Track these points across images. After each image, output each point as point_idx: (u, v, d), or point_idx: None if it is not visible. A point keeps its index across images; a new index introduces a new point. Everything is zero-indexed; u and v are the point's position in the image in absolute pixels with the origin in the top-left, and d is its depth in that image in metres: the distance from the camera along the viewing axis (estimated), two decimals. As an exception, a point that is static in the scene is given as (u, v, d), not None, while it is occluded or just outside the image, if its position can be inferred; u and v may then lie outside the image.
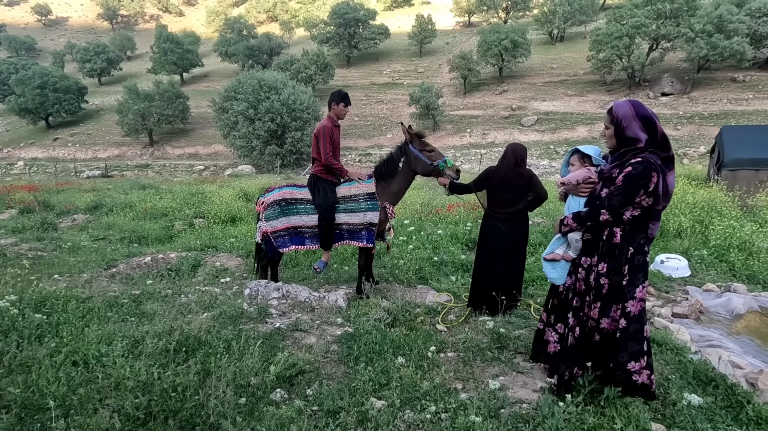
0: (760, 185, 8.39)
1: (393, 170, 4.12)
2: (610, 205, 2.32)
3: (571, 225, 2.50)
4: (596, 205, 2.39)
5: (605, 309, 2.40)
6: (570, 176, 2.64)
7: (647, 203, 2.30)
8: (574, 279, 2.56)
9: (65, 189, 14.86)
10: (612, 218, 2.34)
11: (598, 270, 2.41)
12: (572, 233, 2.54)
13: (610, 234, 2.38)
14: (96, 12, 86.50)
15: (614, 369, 2.39)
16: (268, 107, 28.52)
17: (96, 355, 2.64)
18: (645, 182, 2.23)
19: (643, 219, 2.36)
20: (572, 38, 45.71)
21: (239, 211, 9.10)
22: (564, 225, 2.54)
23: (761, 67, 31.15)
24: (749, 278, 4.90)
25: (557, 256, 2.61)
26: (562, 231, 2.57)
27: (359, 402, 2.40)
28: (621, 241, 2.36)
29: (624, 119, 2.33)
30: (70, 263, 5.71)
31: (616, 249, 2.37)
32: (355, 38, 47.39)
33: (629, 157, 2.32)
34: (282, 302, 3.95)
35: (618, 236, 2.37)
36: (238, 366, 2.65)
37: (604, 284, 2.40)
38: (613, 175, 2.36)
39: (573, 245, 2.57)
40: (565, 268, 2.61)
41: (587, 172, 2.60)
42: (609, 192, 2.34)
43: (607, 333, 2.41)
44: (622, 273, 2.36)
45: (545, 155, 28.27)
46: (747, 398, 2.42)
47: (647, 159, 2.26)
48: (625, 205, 2.30)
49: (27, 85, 38.47)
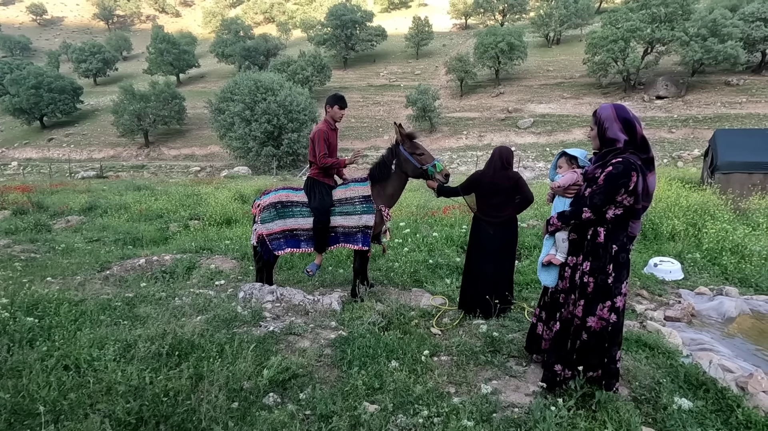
0: (752, 188, 8.47)
1: (386, 172, 4.11)
2: (591, 203, 2.41)
3: (556, 224, 2.63)
4: (579, 204, 2.51)
5: (590, 307, 2.47)
6: (559, 180, 2.77)
7: (628, 202, 2.39)
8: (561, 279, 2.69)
9: (60, 190, 14.78)
10: (594, 216, 2.43)
11: (583, 268, 2.50)
12: (559, 233, 2.66)
13: (594, 234, 2.47)
14: (92, 12, 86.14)
15: (608, 364, 2.49)
16: (265, 108, 28.47)
17: (88, 359, 2.62)
18: (625, 181, 2.32)
19: (624, 219, 2.45)
20: (568, 41, 45.95)
21: (235, 213, 9.08)
22: (550, 225, 2.67)
23: (754, 71, 31.44)
24: (741, 281, 4.93)
25: (554, 259, 2.68)
26: (549, 231, 2.71)
27: (352, 407, 2.40)
28: (605, 240, 2.44)
29: (606, 120, 2.45)
30: (64, 265, 5.67)
31: (600, 248, 2.45)
32: (352, 40, 47.43)
33: (610, 157, 2.43)
34: (276, 305, 3.94)
35: (602, 235, 2.45)
36: (231, 370, 2.64)
37: (588, 282, 2.47)
38: (596, 175, 2.46)
39: (560, 246, 2.67)
40: (556, 270, 2.71)
41: (574, 175, 2.73)
42: (591, 191, 2.45)
43: (595, 332, 2.46)
44: (607, 272, 2.44)
45: (541, 157, 28.37)
46: (737, 402, 2.44)
47: (628, 159, 2.36)
48: (606, 203, 2.39)
49: (21, 85, 38.23)
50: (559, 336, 2.62)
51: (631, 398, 2.58)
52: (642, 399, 2.57)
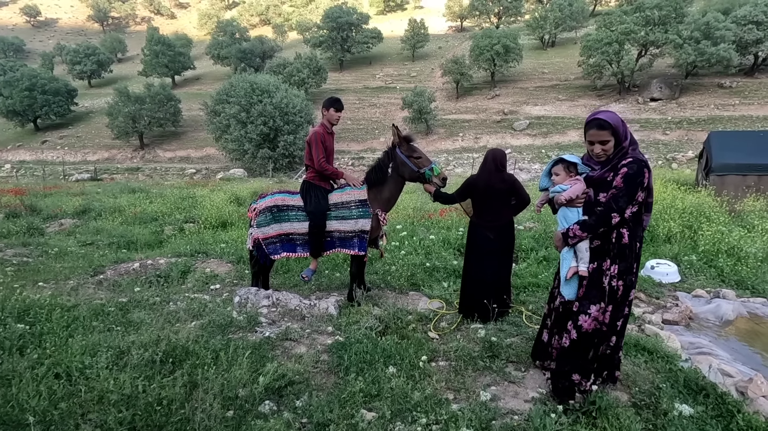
0: (747, 190, 8.52)
1: (383, 176, 4.07)
2: (618, 207, 2.35)
3: (580, 236, 2.46)
4: (604, 210, 2.39)
5: (618, 311, 2.47)
6: (567, 192, 2.56)
7: (641, 198, 2.40)
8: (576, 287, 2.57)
9: (53, 192, 14.64)
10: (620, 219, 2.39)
11: (611, 273, 2.44)
12: (582, 243, 2.51)
13: (619, 236, 2.42)
14: (86, 13, 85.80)
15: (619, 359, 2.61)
16: (261, 110, 28.42)
17: (79, 367, 2.57)
18: (641, 179, 2.33)
19: (639, 214, 2.45)
20: (563, 44, 46.24)
21: (230, 216, 9.01)
22: (572, 238, 2.48)
23: (747, 74, 31.77)
24: (738, 283, 4.93)
25: (581, 272, 2.50)
26: (570, 244, 2.51)
27: (349, 414, 2.36)
28: (629, 240, 2.43)
29: (619, 126, 2.41)
30: (56, 269, 5.59)
31: (626, 249, 2.43)
32: (347, 42, 47.49)
33: (617, 159, 2.41)
34: (272, 310, 3.90)
35: (626, 236, 2.42)
36: (226, 377, 2.59)
37: (618, 286, 2.45)
38: (608, 178, 2.42)
39: (584, 256, 2.50)
40: (576, 281, 2.56)
41: (581, 184, 2.55)
42: (613, 195, 2.37)
43: (620, 332, 2.52)
44: (633, 272, 2.46)
45: (537, 159, 28.48)
46: (737, 407, 2.42)
47: (637, 157, 2.37)
48: (629, 204, 2.35)
49: (15, 86, 37.99)
50: (578, 345, 2.51)
51: (630, 404, 2.56)
52: (642, 404, 2.54)
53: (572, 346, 2.54)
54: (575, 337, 2.52)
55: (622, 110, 31.14)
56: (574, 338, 2.53)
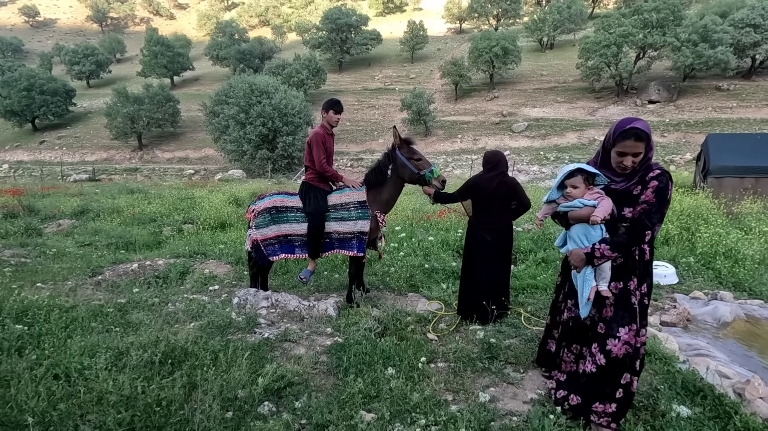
0: (744, 192, 8.55)
1: (382, 178, 4.08)
2: (651, 224, 2.17)
3: (610, 256, 2.22)
4: (637, 226, 2.19)
5: (641, 330, 2.31)
6: (602, 210, 2.25)
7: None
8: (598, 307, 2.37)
9: (51, 193, 14.61)
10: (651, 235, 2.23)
11: (642, 291, 2.30)
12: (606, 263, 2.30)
13: (641, 253, 2.28)
14: (85, 14, 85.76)
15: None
16: (260, 111, 28.42)
17: (78, 368, 2.57)
18: (670, 192, 2.19)
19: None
20: (562, 46, 46.37)
21: (229, 217, 9.00)
22: (598, 258, 2.24)
23: (744, 77, 31.90)
24: (735, 285, 4.95)
25: (604, 292, 2.29)
26: (597, 264, 2.28)
27: (348, 416, 2.37)
28: (650, 256, 2.31)
29: (650, 136, 2.21)
30: (55, 270, 5.58)
31: (649, 265, 2.31)
32: (347, 43, 47.55)
33: (642, 171, 2.22)
34: (271, 311, 3.90)
35: (648, 253, 2.30)
36: (225, 378, 2.59)
37: (648, 305, 2.35)
38: (634, 191, 2.22)
39: (606, 275, 2.30)
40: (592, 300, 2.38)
41: (609, 201, 2.28)
42: (644, 210, 2.17)
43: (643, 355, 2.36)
44: (652, 287, 2.35)
45: (535, 161, 28.53)
46: (734, 408, 2.43)
47: (661, 168, 2.21)
48: (662, 219, 2.19)
49: (13, 87, 37.91)
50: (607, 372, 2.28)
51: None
52: (640, 406, 2.55)
53: (600, 373, 2.29)
54: (603, 363, 2.27)
55: (620, 112, 31.26)
56: (602, 364, 2.28)
